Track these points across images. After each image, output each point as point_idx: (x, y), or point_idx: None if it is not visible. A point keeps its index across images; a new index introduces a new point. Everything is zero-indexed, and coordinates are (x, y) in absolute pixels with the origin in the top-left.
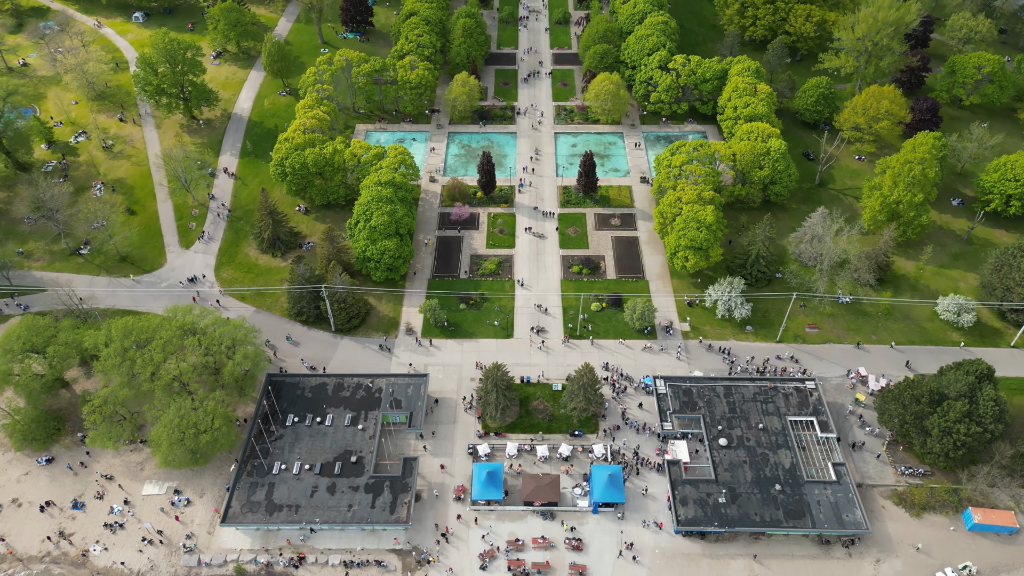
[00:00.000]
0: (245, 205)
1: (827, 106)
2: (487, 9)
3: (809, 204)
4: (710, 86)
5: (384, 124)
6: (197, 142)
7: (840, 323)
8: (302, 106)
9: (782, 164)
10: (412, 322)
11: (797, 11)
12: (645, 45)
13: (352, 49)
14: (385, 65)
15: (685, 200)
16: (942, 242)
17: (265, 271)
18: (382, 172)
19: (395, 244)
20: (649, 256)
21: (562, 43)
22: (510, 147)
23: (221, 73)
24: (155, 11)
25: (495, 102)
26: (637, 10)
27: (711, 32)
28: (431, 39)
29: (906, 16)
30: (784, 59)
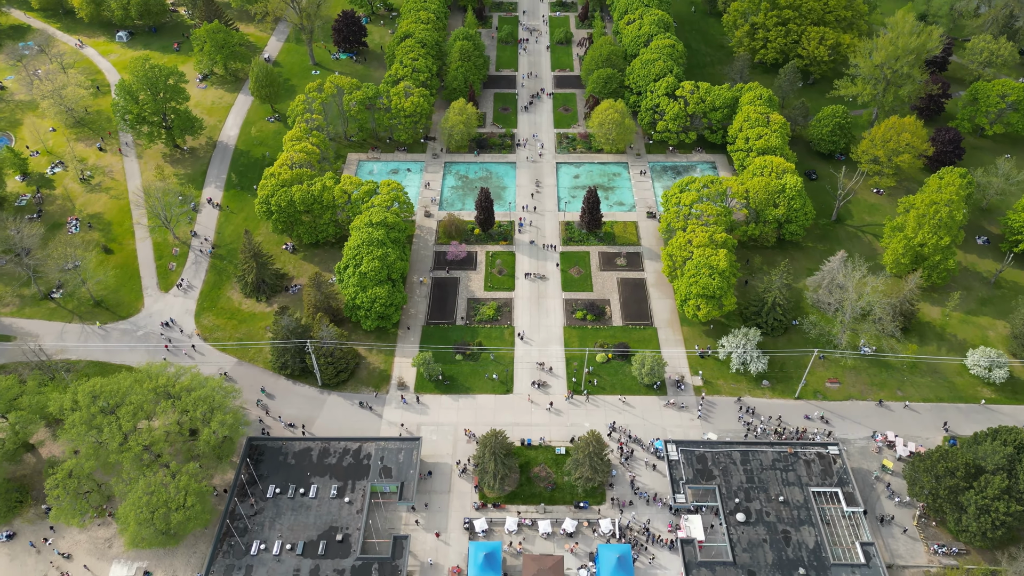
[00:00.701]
0: (229, 243)
1: (843, 136)
2: (485, 28)
3: (826, 242)
4: (720, 114)
5: (377, 153)
6: (180, 173)
7: (863, 377)
8: (290, 138)
9: (798, 202)
10: (404, 376)
11: (810, 33)
12: (651, 70)
13: (345, 69)
14: (378, 92)
15: (696, 243)
16: (968, 285)
17: (248, 317)
18: (374, 211)
19: (387, 291)
20: (657, 300)
21: (564, 64)
22: (509, 178)
23: (207, 97)
24: (140, 30)
25: (494, 129)
26: (642, 32)
27: (719, 53)
28: (427, 63)
29: (928, 43)
30: (796, 83)
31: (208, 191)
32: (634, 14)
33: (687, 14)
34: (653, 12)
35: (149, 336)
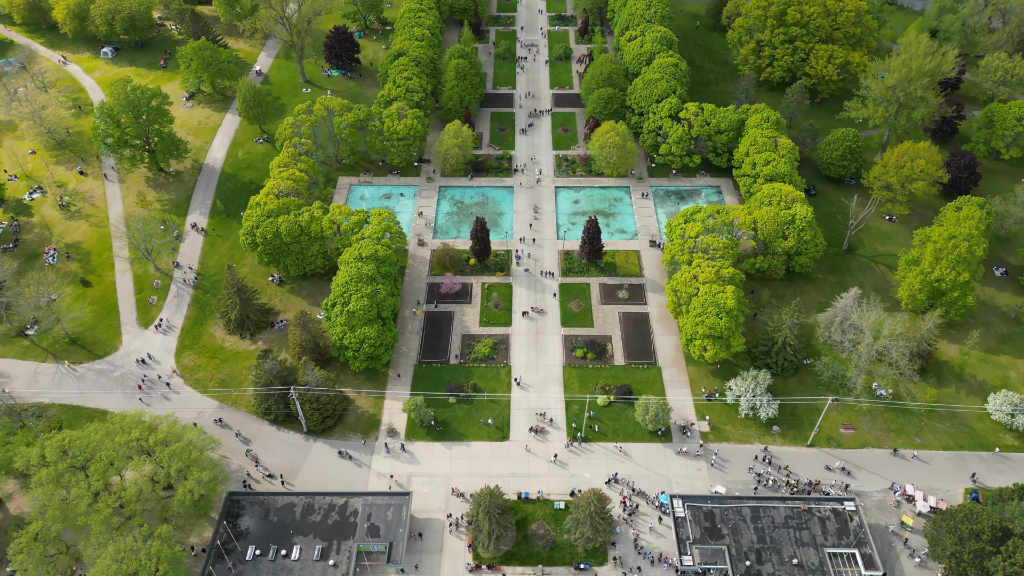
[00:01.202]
0: (213, 274)
1: (854, 160)
2: (482, 43)
3: (837, 274)
4: (725, 137)
5: (369, 177)
6: (163, 198)
7: (879, 422)
8: (277, 164)
9: (808, 234)
10: (395, 422)
11: (818, 52)
12: (653, 91)
13: (337, 87)
14: (370, 114)
15: (702, 279)
16: (987, 321)
17: (231, 356)
18: (363, 244)
19: (376, 331)
20: (661, 336)
21: (563, 82)
22: (506, 203)
23: (194, 117)
24: (126, 46)
25: (490, 151)
26: (644, 50)
27: (724, 70)
28: (421, 82)
29: (943, 65)
30: (804, 103)
31: (193, 217)
32: (635, 30)
33: (691, 28)
34: (655, 29)
35: (126, 377)
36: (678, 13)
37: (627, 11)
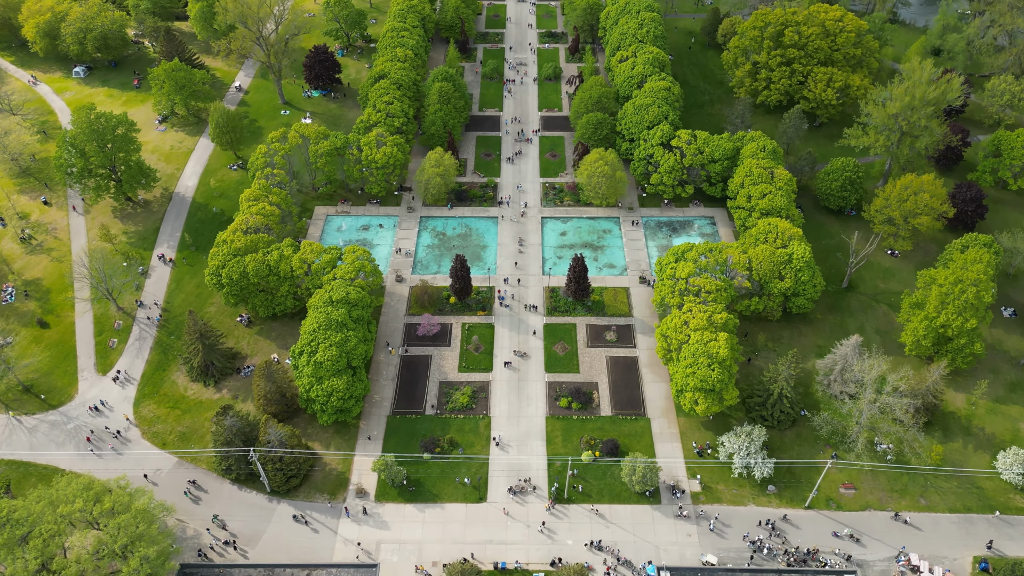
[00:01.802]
0: (179, 314)
1: (854, 192)
2: (469, 62)
3: (836, 313)
4: (719, 167)
5: (347, 206)
6: (130, 230)
7: (881, 481)
8: (247, 197)
9: (806, 274)
10: (364, 481)
11: (816, 75)
12: (645, 117)
13: (317, 108)
14: (348, 141)
15: (693, 326)
16: (995, 367)
17: (194, 406)
18: (335, 286)
19: (345, 383)
20: (651, 384)
21: (552, 103)
22: (490, 235)
23: (166, 141)
24: (99, 64)
25: (475, 178)
26: (636, 72)
27: (719, 91)
28: (402, 106)
29: (948, 94)
30: (802, 129)
31: (160, 251)
32: (627, 51)
33: (685, 45)
34: (647, 50)
35: (80, 430)
36: (672, 30)
37: (618, 30)
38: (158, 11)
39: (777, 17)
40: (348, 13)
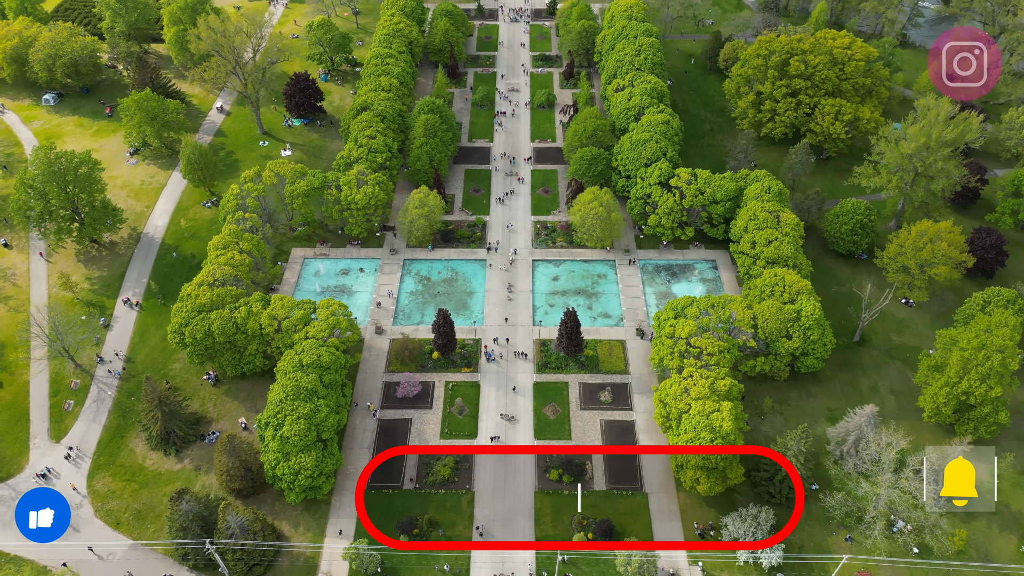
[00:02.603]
0: (142, 371)
1: (865, 236)
2: (459, 87)
3: (848, 370)
4: (721, 208)
5: (326, 248)
6: (93, 276)
7: (901, 570)
8: (215, 245)
9: (815, 333)
10: (334, 571)
11: (824, 107)
12: (642, 153)
13: (298, 139)
14: (326, 180)
15: (694, 394)
16: (1020, 434)
17: (152, 479)
18: (306, 347)
19: (314, 459)
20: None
21: (545, 133)
22: (478, 280)
23: (137, 175)
24: (70, 91)
25: (463, 216)
26: (633, 104)
27: (720, 119)
28: (386, 140)
29: (967, 134)
30: (809, 165)
31: (126, 295)
32: (624, 79)
33: (684, 68)
34: (645, 79)
35: None
36: (673, 53)
37: (615, 56)
38: (133, 33)
39: (782, 45)
40: (332, 37)
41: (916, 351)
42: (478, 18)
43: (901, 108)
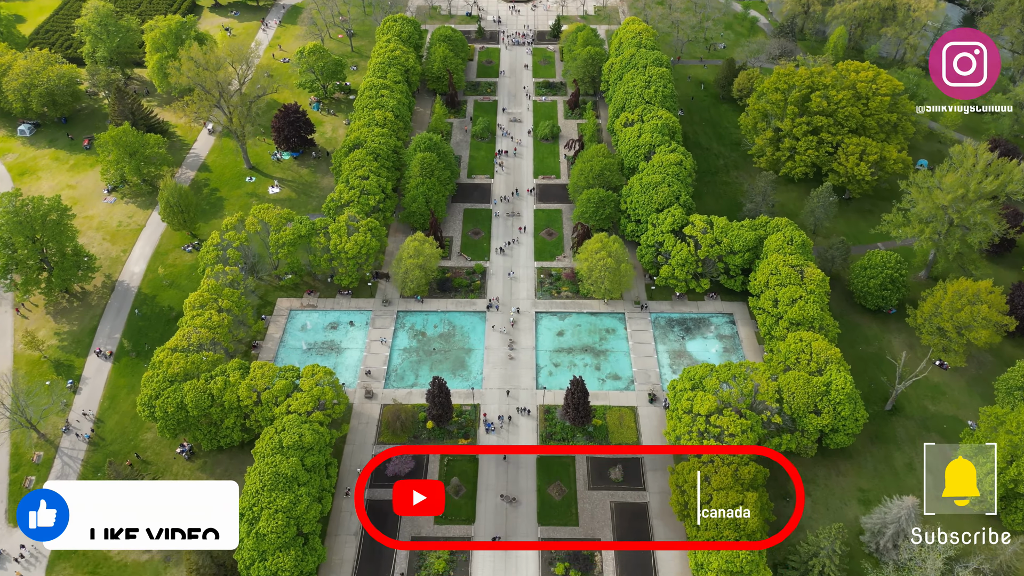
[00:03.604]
0: (111, 442)
1: (896, 291)
2: (459, 117)
3: (880, 444)
4: (739, 259)
5: (314, 299)
6: (63, 330)
7: None
8: (191, 304)
9: (847, 409)
10: None
11: (847, 146)
12: (653, 197)
13: (287, 174)
14: (314, 228)
15: (716, 484)
16: None
17: (117, 571)
18: (287, 425)
19: (293, 558)
20: (665, 540)
21: (549, 169)
22: (476, 335)
23: (114, 216)
24: (47, 121)
25: (461, 261)
26: (643, 141)
27: (734, 154)
28: (379, 181)
29: (1008, 186)
30: (832, 209)
31: (93, 360)
32: (632, 113)
33: (694, 94)
34: (656, 114)
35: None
36: (683, 79)
37: (623, 87)
38: (116, 59)
39: (802, 79)
40: (325, 64)
41: (954, 422)
42: (479, 41)
43: (927, 143)
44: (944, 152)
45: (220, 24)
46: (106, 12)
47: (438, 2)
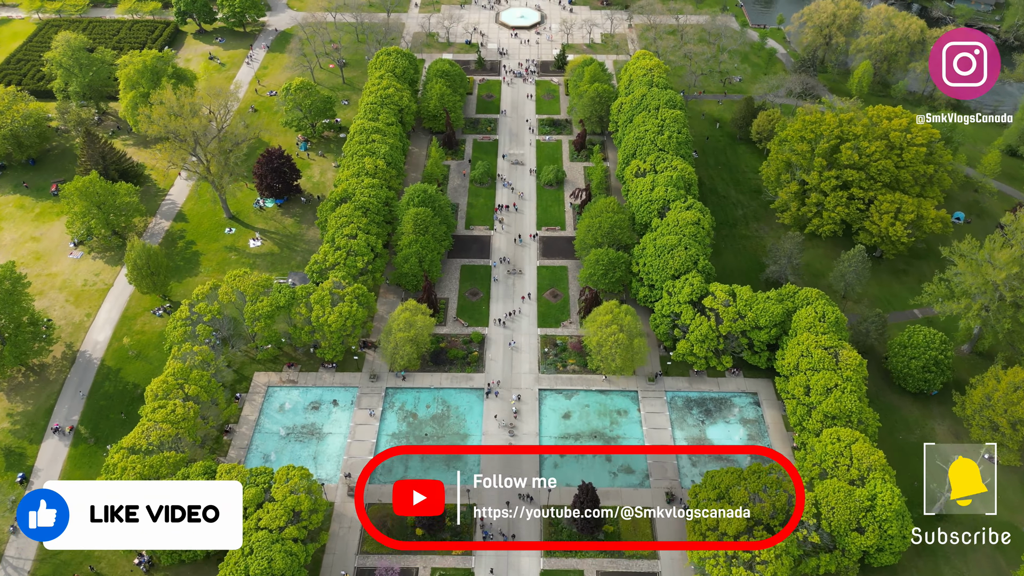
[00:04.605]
0: (63, 550)
1: (940, 374)
2: (456, 159)
3: (927, 558)
4: (765, 335)
5: (294, 373)
6: (15, 411)
7: None
8: (153, 392)
9: (894, 527)
10: None
11: (881, 203)
12: (668, 262)
13: (269, 224)
14: (295, 297)
15: None
16: None
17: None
18: (255, 547)
19: None
20: None
21: (553, 219)
22: (473, 418)
23: (79, 273)
24: (14, 163)
25: (457, 327)
26: (656, 196)
27: (754, 203)
28: (368, 239)
29: None
30: (866, 273)
31: (49, 444)
32: (644, 161)
33: (709, 133)
34: (670, 164)
35: None
36: (698, 117)
37: (634, 132)
38: (89, 93)
39: (830, 128)
40: (312, 101)
41: (1013, 531)
42: (479, 72)
43: (963, 192)
44: (982, 202)
45: (204, 52)
46: (77, 45)
47: (435, 28)
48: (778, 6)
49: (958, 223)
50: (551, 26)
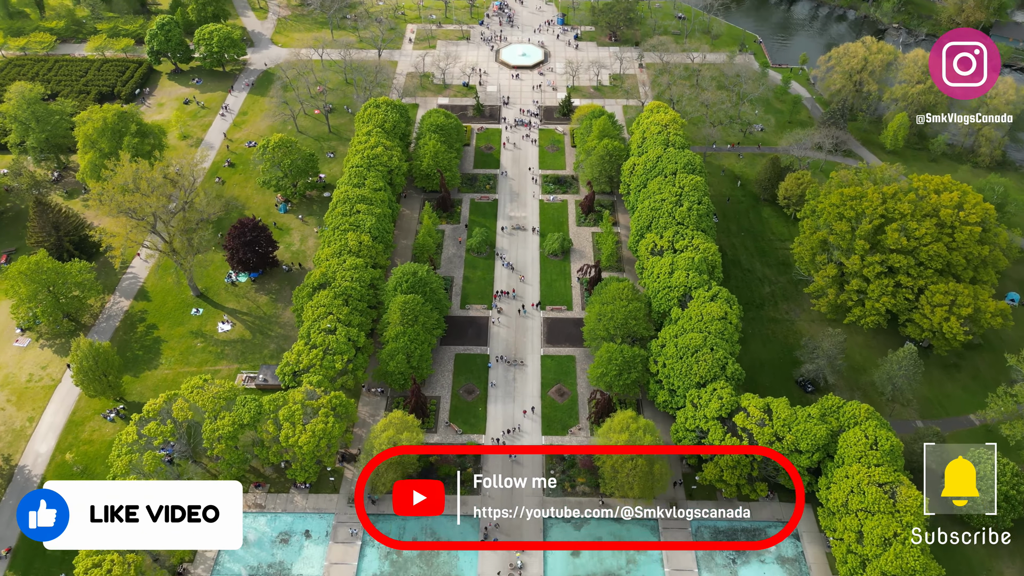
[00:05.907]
0: None
1: (1011, 510)
2: (452, 223)
3: None
4: (806, 460)
5: (263, 494)
6: None
7: None
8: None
9: None
10: None
11: (933, 294)
12: (693, 367)
13: (241, 303)
14: (261, 413)
15: None
16: None
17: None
18: None
19: None
20: None
21: (559, 296)
22: (467, 562)
23: (24, 366)
24: None
25: (449, 434)
26: (676, 282)
27: (782, 278)
28: (349, 333)
29: None
30: (917, 375)
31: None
32: (661, 237)
33: (730, 193)
34: (691, 241)
35: None
36: (717, 174)
37: (648, 201)
38: (47, 148)
39: (873, 206)
40: (293, 160)
41: None
42: (476, 119)
43: (1017, 266)
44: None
45: (180, 95)
46: (33, 97)
47: (430, 68)
48: (797, 41)
49: (1013, 305)
50: (555, 66)
